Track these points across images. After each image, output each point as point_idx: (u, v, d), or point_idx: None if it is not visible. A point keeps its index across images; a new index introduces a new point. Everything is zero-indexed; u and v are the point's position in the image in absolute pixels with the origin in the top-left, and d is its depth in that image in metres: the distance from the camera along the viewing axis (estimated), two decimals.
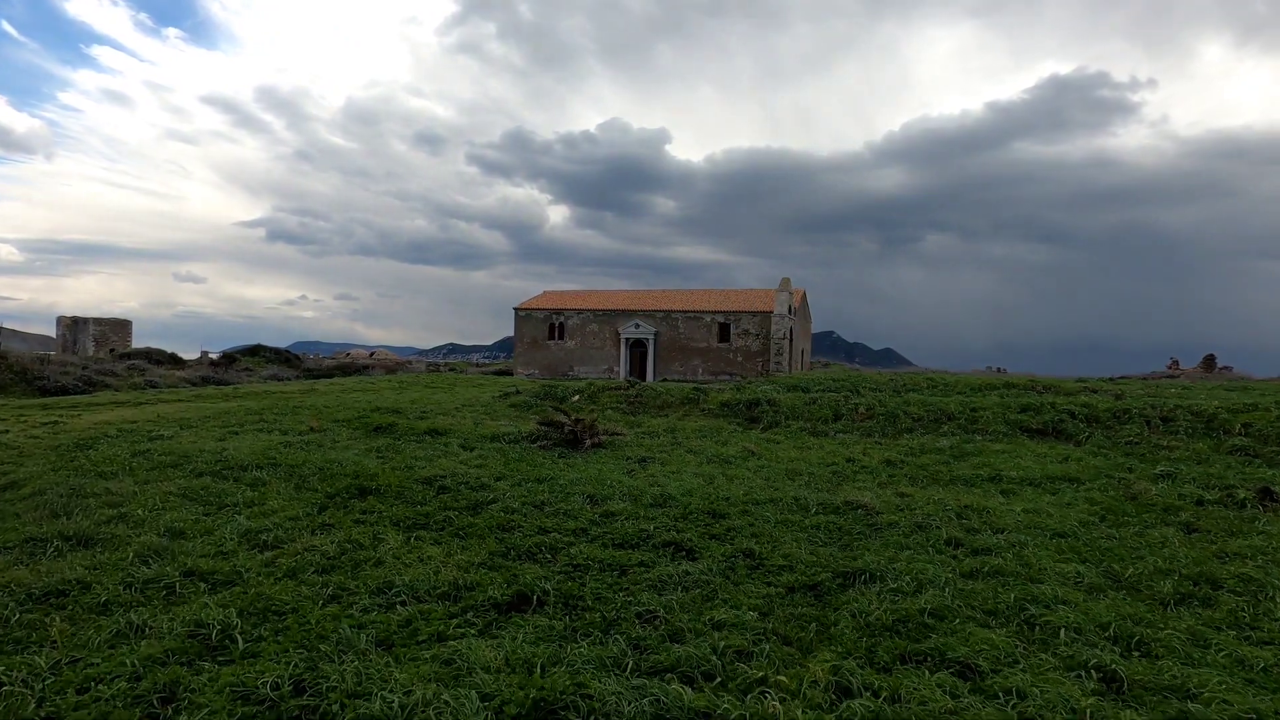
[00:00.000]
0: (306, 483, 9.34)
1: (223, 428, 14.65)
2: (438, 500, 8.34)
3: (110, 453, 11.29)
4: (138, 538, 6.68)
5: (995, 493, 10.04)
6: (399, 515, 7.67)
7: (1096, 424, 14.92)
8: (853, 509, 8.24)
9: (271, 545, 6.51)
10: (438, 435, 13.69)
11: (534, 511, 7.85)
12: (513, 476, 9.89)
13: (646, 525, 7.23)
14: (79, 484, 8.94)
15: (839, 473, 11.21)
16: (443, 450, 12.24)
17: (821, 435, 15.17)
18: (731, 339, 43.66)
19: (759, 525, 7.43)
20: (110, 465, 10.28)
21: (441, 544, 6.67)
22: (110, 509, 7.82)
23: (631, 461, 11.79)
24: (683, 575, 5.65)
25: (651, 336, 44.99)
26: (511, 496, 8.54)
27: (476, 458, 11.60)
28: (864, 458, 12.46)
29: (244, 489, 8.94)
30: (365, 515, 7.72)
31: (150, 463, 10.52)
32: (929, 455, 12.77)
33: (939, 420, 15.68)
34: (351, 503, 8.26)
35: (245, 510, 7.93)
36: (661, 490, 8.97)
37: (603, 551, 6.38)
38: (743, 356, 43.34)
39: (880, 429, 15.38)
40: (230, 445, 12.08)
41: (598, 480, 9.68)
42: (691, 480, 10.17)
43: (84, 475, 9.67)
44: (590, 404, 18.39)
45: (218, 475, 9.71)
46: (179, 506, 8.01)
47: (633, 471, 10.92)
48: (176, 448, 11.74)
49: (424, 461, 11.05)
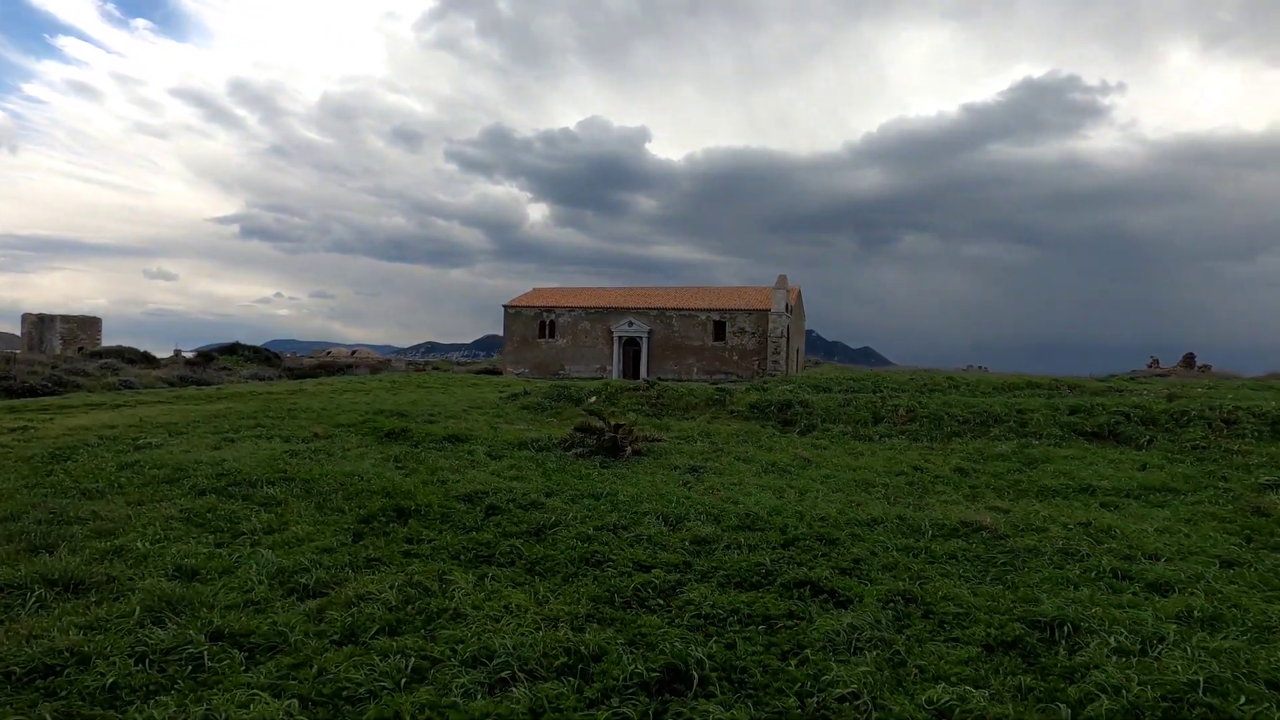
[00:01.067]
0: (329, 501, 7.99)
1: (216, 434, 13.17)
2: (492, 524, 7.04)
3: (93, 465, 9.82)
4: (141, 581, 5.32)
5: (1096, 506, 8.99)
6: (453, 545, 6.37)
7: (1154, 426, 13.99)
8: (972, 530, 7.10)
9: (314, 591, 5.19)
10: (458, 442, 12.35)
11: (611, 539, 6.60)
12: (563, 492, 8.63)
13: (757, 557, 6.02)
14: (60, 506, 7.51)
15: (914, 483, 10.09)
16: (469, 460, 10.92)
17: (866, 439, 14.06)
18: (727, 337, 42.60)
19: (882, 554, 6.26)
20: (95, 481, 8.83)
21: (523, 586, 5.40)
22: (101, 540, 6.42)
23: (682, 471, 10.57)
24: (848, 630, 4.45)
25: (645, 335, 43.79)
26: (574, 517, 7.26)
27: (510, 468, 10.31)
28: (929, 465, 11.36)
29: (258, 510, 7.57)
30: (413, 545, 6.41)
31: (141, 477, 9.08)
32: (997, 462, 11.71)
33: (985, 423, 14.66)
34: (391, 528, 6.94)
35: (266, 539, 6.57)
36: (742, 508, 7.76)
37: (725, 595, 5.16)
38: (738, 355, 42.31)
39: (926, 432, 14.31)
40: (229, 455, 10.65)
41: (660, 495, 8.45)
42: (761, 494, 8.98)
43: (64, 494, 8.23)
44: (609, 405, 17.14)
45: (223, 493, 8.32)
46: (185, 535, 6.63)
47: (688, 483, 9.71)
48: (168, 458, 10.29)
49: (453, 473, 9.74)
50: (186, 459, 10.23)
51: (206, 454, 10.87)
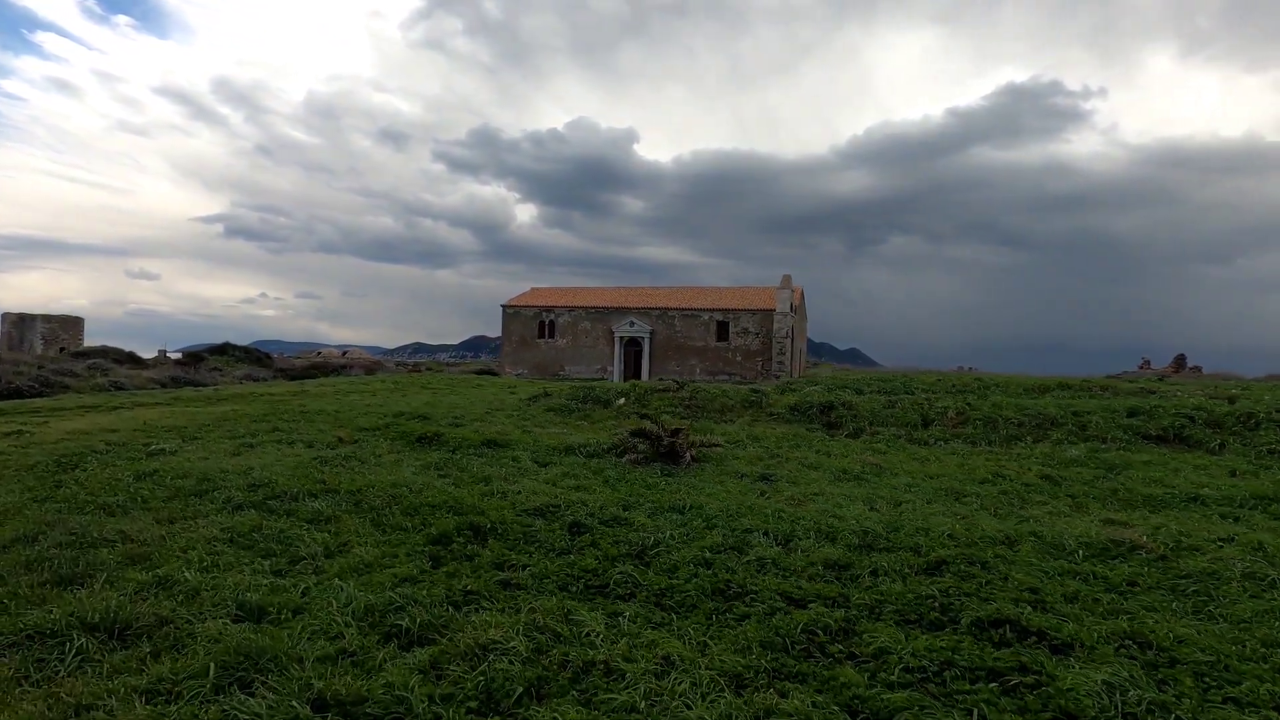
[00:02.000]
0: (386, 517, 7.01)
1: (232, 439, 12.10)
2: (585, 546, 6.09)
3: (107, 475, 8.75)
4: (201, 624, 4.34)
5: (1217, 518, 8.21)
6: (554, 572, 5.43)
7: (1221, 429, 13.29)
8: (1126, 549, 6.26)
9: (418, 636, 4.23)
10: (498, 447, 11.38)
11: (730, 563, 5.69)
12: (639, 504, 7.70)
13: (917, 586, 5.13)
14: (81, 525, 6.47)
15: (1006, 492, 9.26)
16: (515, 467, 9.96)
17: (922, 444, 13.25)
18: (730, 338, 41.81)
19: (1055, 582, 5.40)
20: (113, 494, 7.78)
21: (665, 627, 4.47)
22: (139, 568, 5.42)
23: (751, 480, 9.69)
24: (1105, 691, 3.57)
25: (647, 335, 42.90)
26: (671, 536, 6.35)
27: (564, 476, 9.37)
28: (1007, 471, 10.54)
29: (308, 529, 6.58)
30: (505, 572, 5.46)
31: (164, 489, 8.04)
32: (1076, 468, 10.92)
33: (1042, 426, 13.90)
34: (471, 550, 5.98)
35: (330, 565, 5.60)
36: (851, 524, 6.87)
37: (911, 638, 4.26)
38: (742, 356, 41.53)
39: (983, 436, 13.52)
40: (255, 463, 9.61)
41: (751, 509, 7.55)
42: (851, 505, 8.12)
43: (81, 509, 7.18)
44: (640, 407, 16.21)
45: (263, 508, 7.30)
46: (235, 561, 5.64)
47: (765, 493, 8.83)
48: (188, 466, 9.24)
49: (505, 482, 8.80)
50: (209, 467, 9.18)
51: (229, 462, 9.83)
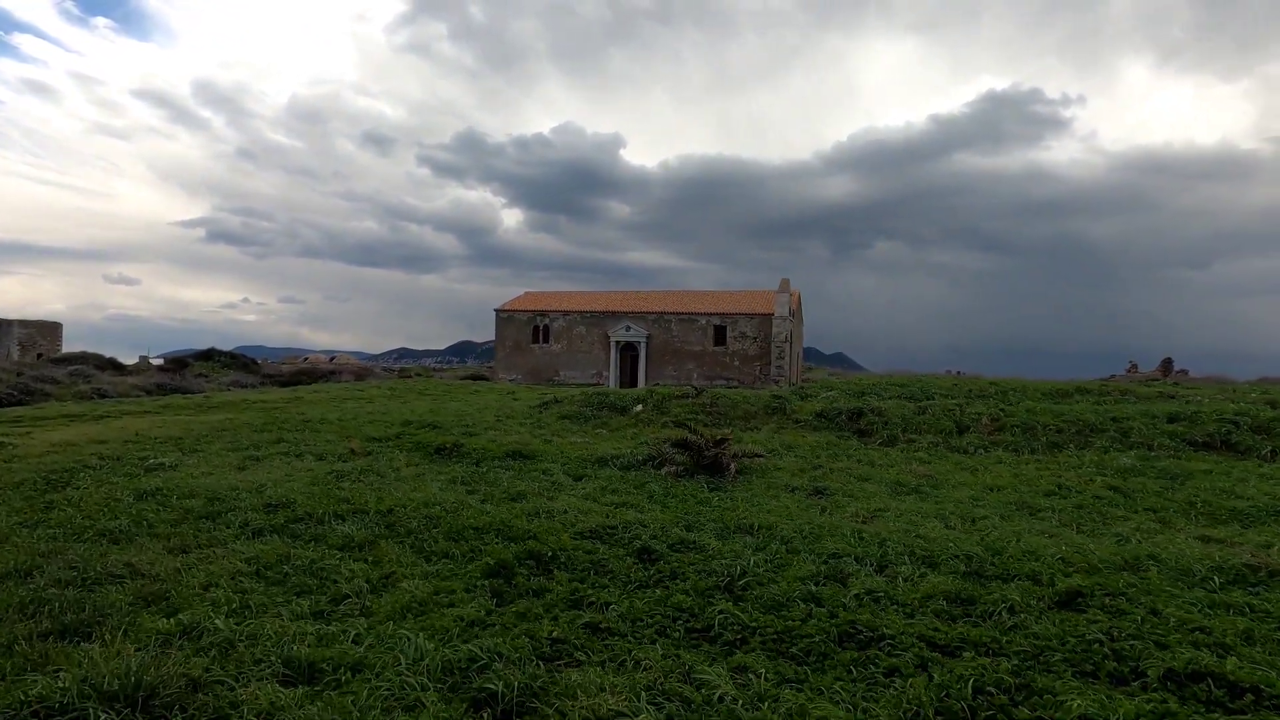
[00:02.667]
0: (426, 542, 6.21)
1: (234, 450, 11.21)
2: (666, 578, 5.33)
3: (103, 495, 7.86)
4: (244, 688, 3.54)
5: None
6: (643, 612, 4.66)
7: (1268, 435, 12.76)
8: (1264, 574, 5.61)
9: (516, 704, 3.45)
10: (524, 459, 10.58)
11: (840, 598, 4.95)
12: (701, 524, 6.95)
13: (1076, 628, 4.42)
14: (81, 557, 5.62)
15: (1081, 506, 8.61)
16: (548, 482, 9.18)
17: (961, 452, 12.60)
18: (728, 342, 41.14)
19: (1212, 618, 4.72)
20: (113, 517, 6.91)
21: (799, 685, 3.72)
22: (155, 611, 4.60)
23: (804, 493, 8.98)
24: None
25: (643, 339, 42.14)
26: (754, 563, 5.60)
27: (605, 491, 8.61)
28: (1069, 481, 9.90)
29: (342, 558, 5.77)
30: (585, 611, 4.68)
31: (170, 511, 7.17)
32: (1137, 478, 10.30)
33: (1082, 432, 13.31)
34: (537, 583, 5.20)
35: (379, 605, 4.80)
36: (946, 547, 6.16)
37: (1119, 702, 3.53)
38: (739, 360, 40.89)
39: (1025, 443, 12.90)
40: (265, 479, 8.77)
41: (825, 529, 6.82)
42: (926, 523, 7.43)
43: (77, 536, 6.33)
44: (659, 414, 15.47)
45: (285, 533, 6.47)
46: (268, 601, 4.82)
47: (825, 509, 8.12)
48: (193, 483, 8.37)
49: (541, 498, 8.04)
50: (216, 485, 8.32)
51: (235, 477, 8.97)
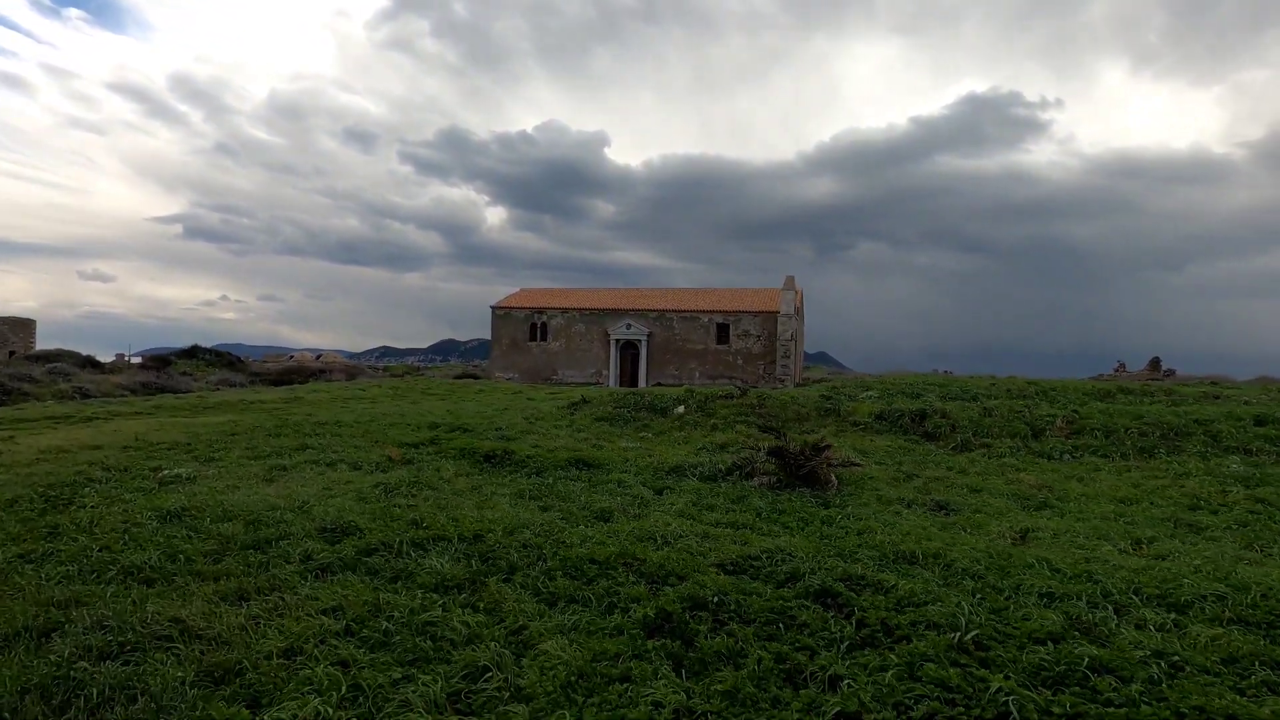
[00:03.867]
0: (538, 581, 4.93)
1: (253, 458, 9.82)
2: (875, 633, 4.12)
3: (118, 517, 6.47)
4: None
5: None
6: (901, 696, 3.45)
7: None
8: None
9: None
10: (589, 468, 9.31)
11: (1146, 669, 3.78)
12: (856, 554, 5.75)
13: None
14: (113, 609, 4.29)
15: (1244, 523, 7.53)
16: (630, 497, 7.91)
17: (1046, 457, 11.54)
18: (731, 340, 40.06)
19: None
20: (137, 548, 5.54)
21: None
22: (232, 699, 3.30)
23: (920, 508, 7.83)
24: None
25: (644, 338, 40.93)
26: (971, 610, 4.41)
27: (703, 509, 7.38)
28: (1202, 492, 8.85)
29: (445, 604, 4.48)
30: (831, 696, 3.46)
31: (206, 538, 5.82)
32: (1265, 487, 9.28)
33: (1167, 437, 12.30)
34: (723, 644, 3.94)
35: (530, 680, 3.54)
36: (1190, 585, 5.02)
37: None
38: (743, 359, 39.83)
39: (1113, 449, 11.85)
40: (303, 494, 7.42)
41: (1008, 559, 5.66)
42: (1105, 549, 6.30)
43: (98, 575, 4.98)
44: (705, 416, 14.26)
45: (361, 568, 5.16)
46: (384, 680, 3.53)
47: (963, 528, 6.97)
48: (222, 500, 6.99)
49: (632, 518, 6.82)
50: (250, 502, 6.96)
51: (267, 492, 7.62)
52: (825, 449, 8.45)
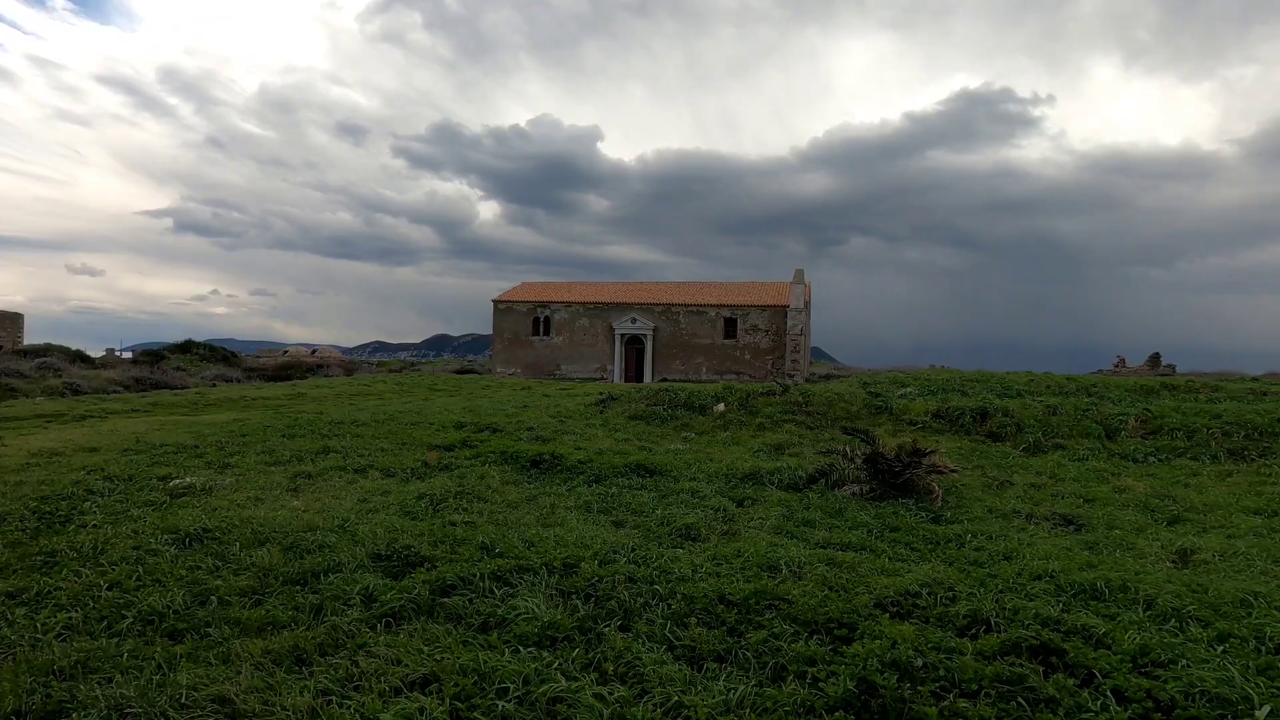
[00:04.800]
0: (662, 629, 3.91)
1: (271, 464, 8.71)
2: (1132, 703, 3.13)
3: (126, 541, 5.36)
4: None
5: None
6: None
7: None
8: None
9: None
10: (650, 475, 8.27)
11: None
12: (1025, 586, 4.75)
13: None
14: (138, 687, 3.22)
15: None
16: (712, 511, 6.86)
17: (1130, 459, 10.59)
18: (739, 335, 39.08)
19: None
20: (154, 584, 4.44)
21: None
22: None
23: (1042, 521, 6.85)
24: None
25: (650, 332, 39.87)
26: (1236, 674, 3.43)
27: (798, 524, 6.37)
28: None
29: (562, 666, 3.45)
30: None
31: (238, 570, 4.74)
32: None
33: (1251, 436, 11.39)
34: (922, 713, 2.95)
35: None
36: None
37: None
38: (751, 354, 38.87)
39: (1199, 450, 10.91)
40: (337, 508, 6.34)
41: (1194, 589, 4.67)
42: None
43: (109, 625, 3.90)
44: (747, 414, 13.25)
45: (434, 612, 4.09)
46: None
47: (1109, 548, 5.99)
48: (246, 518, 5.90)
49: (729, 538, 5.81)
50: (281, 520, 5.87)
51: (296, 506, 6.54)
52: (924, 455, 7.44)
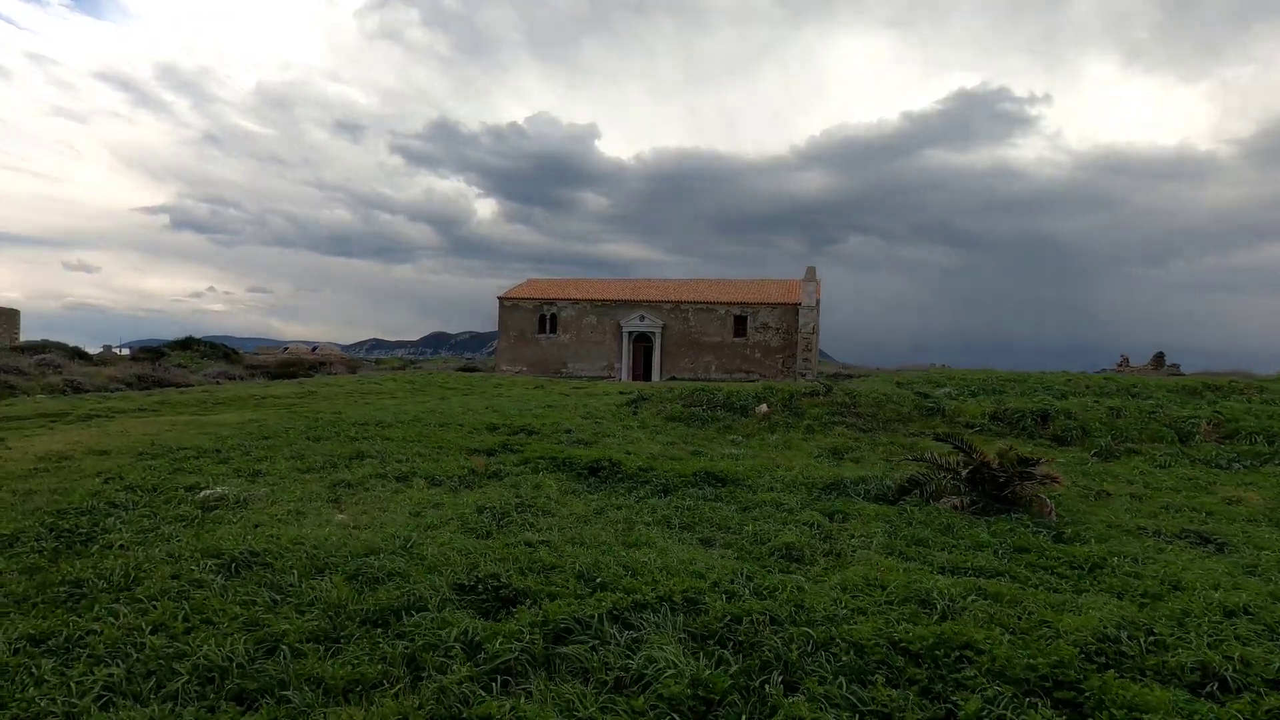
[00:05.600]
0: (837, 685, 3.18)
1: (303, 469, 7.93)
2: None
3: (164, 566, 4.58)
4: None
5: None
6: None
7: None
8: None
9: None
10: (720, 484, 7.53)
11: None
12: (1218, 628, 4.04)
13: None
14: None
15: None
16: (809, 527, 6.14)
17: (1216, 465, 9.91)
18: (749, 333, 38.34)
19: None
20: (206, 631, 3.68)
21: None
22: None
23: (1172, 538, 6.14)
24: None
25: (658, 330, 39.09)
26: None
27: (907, 541, 5.65)
28: None
29: None
30: None
31: (303, 607, 3.96)
32: None
33: None
34: None
35: None
36: None
37: None
38: (761, 352, 38.15)
39: None
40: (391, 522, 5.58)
41: None
42: None
43: (158, 684, 3.14)
44: (793, 416, 12.52)
45: (556, 667, 3.36)
46: None
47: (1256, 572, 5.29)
48: (302, 540, 5.14)
49: (839, 564, 5.08)
50: (337, 543, 5.09)
51: (342, 519, 5.77)
52: (1033, 465, 6.71)
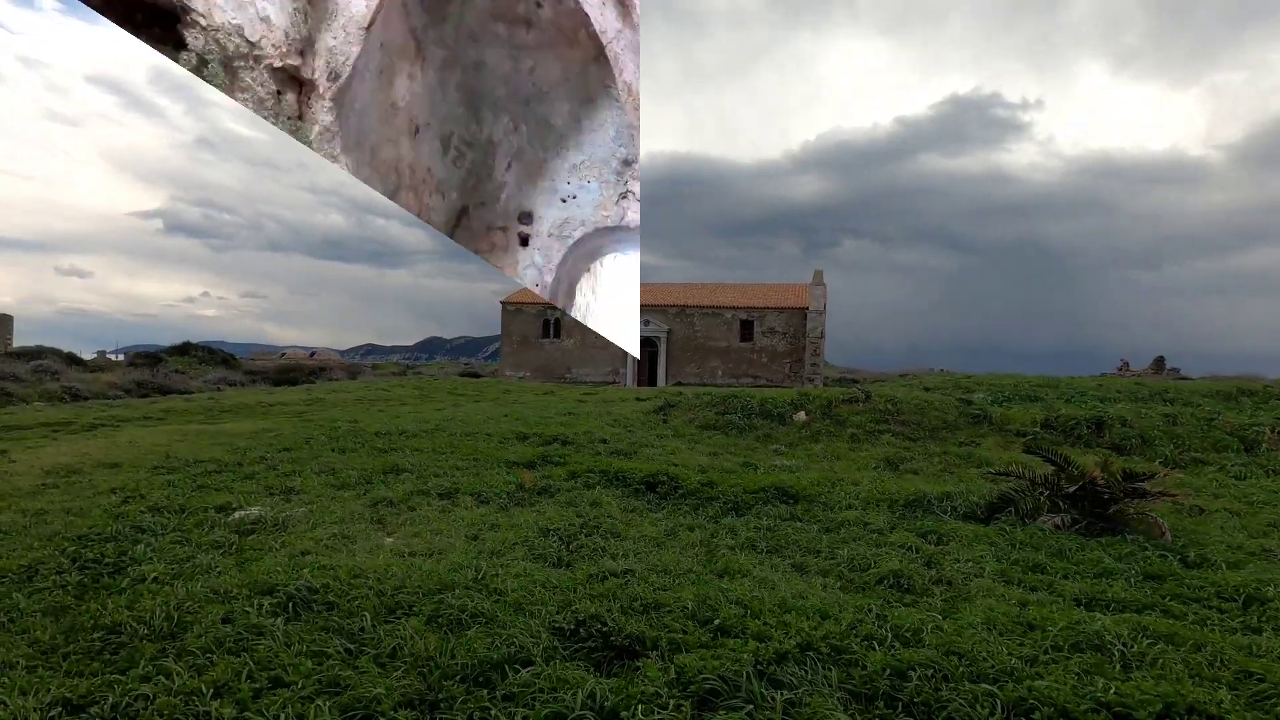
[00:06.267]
0: None
1: (336, 485, 7.30)
2: None
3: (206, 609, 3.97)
4: None
5: None
6: None
7: None
8: None
9: None
10: (792, 501, 6.94)
11: None
12: None
13: None
14: None
15: None
16: (903, 550, 5.57)
17: None
18: (755, 338, 37.84)
19: None
20: (284, 699, 3.09)
21: None
22: None
23: None
24: None
25: (663, 335, 38.55)
26: None
27: (1021, 567, 5.08)
28: None
29: None
30: None
31: (386, 659, 3.35)
32: None
33: None
34: None
35: None
36: None
37: None
38: (768, 357, 37.65)
39: None
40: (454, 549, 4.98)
41: None
42: None
43: None
44: (834, 424, 11.96)
45: None
46: None
47: None
48: (361, 572, 4.51)
49: (933, 584, 4.51)
50: (402, 575, 4.47)
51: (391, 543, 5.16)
52: (1142, 481, 6.15)
